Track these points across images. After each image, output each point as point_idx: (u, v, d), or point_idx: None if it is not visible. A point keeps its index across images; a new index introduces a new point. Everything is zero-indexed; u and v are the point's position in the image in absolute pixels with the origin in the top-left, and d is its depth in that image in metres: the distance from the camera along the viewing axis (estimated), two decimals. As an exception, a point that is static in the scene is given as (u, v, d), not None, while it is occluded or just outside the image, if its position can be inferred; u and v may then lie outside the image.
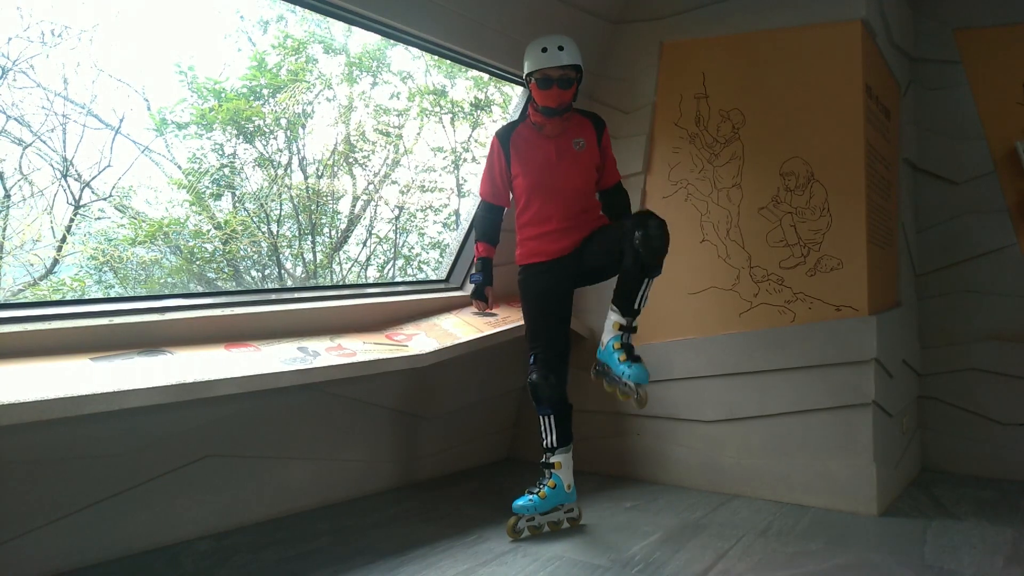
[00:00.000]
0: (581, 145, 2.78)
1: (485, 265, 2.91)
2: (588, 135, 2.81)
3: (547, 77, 2.67)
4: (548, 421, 2.77)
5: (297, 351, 2.72)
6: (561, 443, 2.77)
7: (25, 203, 5.11)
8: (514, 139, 2.81)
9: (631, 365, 2.61)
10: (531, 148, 2.78)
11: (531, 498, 2.73)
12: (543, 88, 2.69)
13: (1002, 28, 3.65)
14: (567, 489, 2.78)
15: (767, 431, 3.20)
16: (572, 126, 2.80)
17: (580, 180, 2.79)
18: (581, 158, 2.78)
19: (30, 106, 5.08)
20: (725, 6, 3.39)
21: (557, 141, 2.77)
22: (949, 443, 3.71)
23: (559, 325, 2.81)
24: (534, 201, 2.78)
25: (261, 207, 6.42)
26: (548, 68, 2.67)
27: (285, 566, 2.42)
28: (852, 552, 2.55)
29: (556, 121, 2.75)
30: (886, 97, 3.44)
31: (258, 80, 6.27)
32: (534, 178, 2.77)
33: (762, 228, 3.28)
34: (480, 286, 2.89)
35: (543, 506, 2.73)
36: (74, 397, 2.00)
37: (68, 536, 2.33)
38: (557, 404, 2.76)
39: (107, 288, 5.49)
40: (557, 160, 2.75)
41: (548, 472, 2.78)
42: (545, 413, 2.76)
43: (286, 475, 2.94)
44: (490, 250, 2.93)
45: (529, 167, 2.77)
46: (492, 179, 2.86)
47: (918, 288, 3.82)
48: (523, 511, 2.71)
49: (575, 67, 2.70)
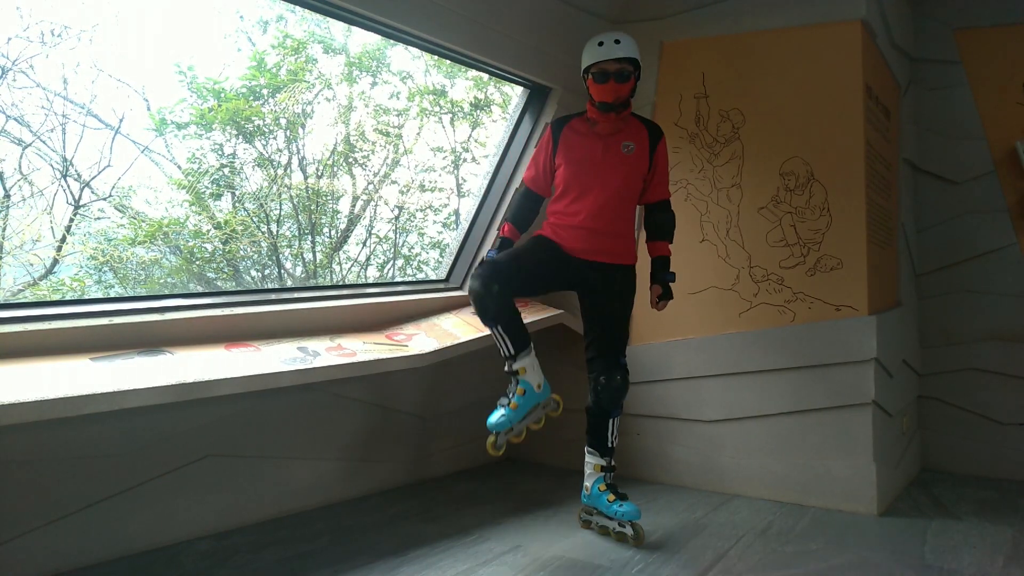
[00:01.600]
0: (630, 149, 2.71)
1: (503, 244, 2.78)
2: (641, 141, 2.73)
3: (604, 71, 2.62)
4: (497, 331, 2.60)
5: (297, 351, 2.71)
6: (519, 348, 2.62)
7: (25, 203, 5.11)
8: (566, 130, 2.76)
9: (622, 504, 2.67)
10: (579, 142, 2.73)
11: (503, 411, 2.62)
12: (599, 82, 2.64)
13: (1002, 28, 3.65)
14: (537, 390, 2.66)
15: (767, 431, 3.20)
16: (627, 128, 2.74)
17: (619, 183, 2.70)
18: (626, 161, 2.71)
19: (30, 106, 5.08)
20: (725, 6, 3.39)
21: (607, 140, 2.71)
22: (949, 443, 3.71)
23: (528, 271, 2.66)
24: (569, 193, 2.72)
25: (261, 207, 6.42)
26: (605, 61, 2.61)
27: (285, 566, 2.42)
28: (852, 552, 2.55)
29: (611, 119, 2.69)
30: (886, 97, 3.44)
31: (258, 80, 6.27)
32: (574, 170, 2.71)
33: (762, 228, 3.28)
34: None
35: (517, 416, 2.64)
36: (74, 397, 1.99)
37: (68, 536, 2.33)
38: (503, 312, 2.58)
39: (107, 288, 5.49)
40: (601, 159, 2.69)
41: (514, 379, 2.65)
42: (492, 325, 2.60)
43: (286, 475, 2.94)
44: (515, 233, 2.83)
45: (571, 159, 2.72)
46: (536, 166, 2.82)
47: (918, 288, 3.82)
48: (500, 427, 2.60)
49: (632, 61, 2.65)
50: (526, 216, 2.86)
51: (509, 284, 2.59)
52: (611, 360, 2.71)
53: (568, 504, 3.05)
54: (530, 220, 2.87)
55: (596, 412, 2.74)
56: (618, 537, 2.67)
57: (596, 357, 2.74)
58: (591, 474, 2.76)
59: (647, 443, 3.50)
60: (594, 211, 2.69)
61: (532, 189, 2.85)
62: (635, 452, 3.52)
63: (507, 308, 2.61)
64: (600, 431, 2.75)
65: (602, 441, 2.75)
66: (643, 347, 3.48)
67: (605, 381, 2.69)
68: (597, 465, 2.75)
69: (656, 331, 3.43)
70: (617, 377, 2.70)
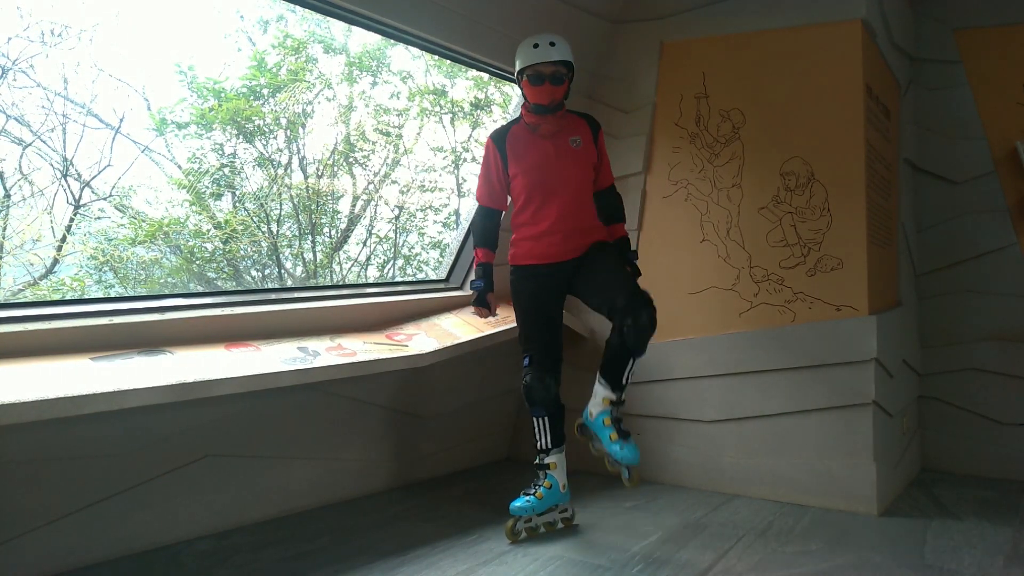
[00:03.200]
0: (578, 143, 2.75)
1: (486, 271, 2.84)
2: (584, 134, 2.77)
3: (539, 73, 2.65)
4: (542, 423, 2.76)
5: (297, 351, 2.72)
6: (555, 444, 2.76)
7: (25, 203, 5.12)
8: (509, 140, 2.76)
9: (623, 445, 2.60)
10: (528, 148, 2.74)
11: (528, 499, 2.71)
12: (535, 84, 2.66)
13: (1002, 28, 3.65)
14: (562, 490, 2.77)
15: (767, 431, 3.20)
16: (567, 125, 2.76)
17: (579, 178, 2.74)
18: (579, 156, 2.75)
19: (30, 106, 5.09)
20: (725, 6, 3.39)
21: (554, 140, 2.73)
22: (949, 443, 3.71)
23: (552, 327, 2.79)
24: (533, 200, 2.73)
25: (261, 207, 6.43)
26: (539, 64, 2.64)
27: (285, 566, 2.42)
28: (852, 552, 2.55)
29: (550, 119, 2.71)
30: (886, 97, 3.44)
31: (258, 80, 6.27)
32: (533, 177, 2.72)
33: (762, 228, 3.28)
34: (482, 293, 2.83)
35: (540, 507, 2.73)
36: (74, 397, 1.99)
37: (68, 536, 2.33)
38: (551, 406, 2.74)
39: (107, 288, 5.50)
40: (556, 158, 2.71)
41: (543, 473, 2.76)
42: (539, 415, 2.75)
43: (286, 475, 2.94)
44: (489, 255, 2.86)
45: (528, 166, 2.73)
46: (489, 182, 2.81)
47: (918, 288, 3.82)
48: (521, 512, 2.70)
49: (566, 64, 2.68)
50: (492, 235, 2.87)
51: (555, 366, 2.76)
52: (637, 300, 2.55)
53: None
54: (496, 236, 2.88)
55: (618, 351, 2.58)
56: (613, 469, 2.68)
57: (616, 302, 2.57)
58: (598, 403, 2.64)
59: (647, 443, 3.49)
60: (562, 213, 2.70)
61: (490, 206, 2.84)
62: (635, 452, 3.52)
63: (556, 402, 2.76)
64: (617, 366, 2.60)
65: (616, 376, 2.61)
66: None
67: (632, 322, 2.51)
68: (607, 398, 2.62)
69: (657, 331, 3.42)
70: (644, 316, 2.52)
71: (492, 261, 2.87)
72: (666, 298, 3.32)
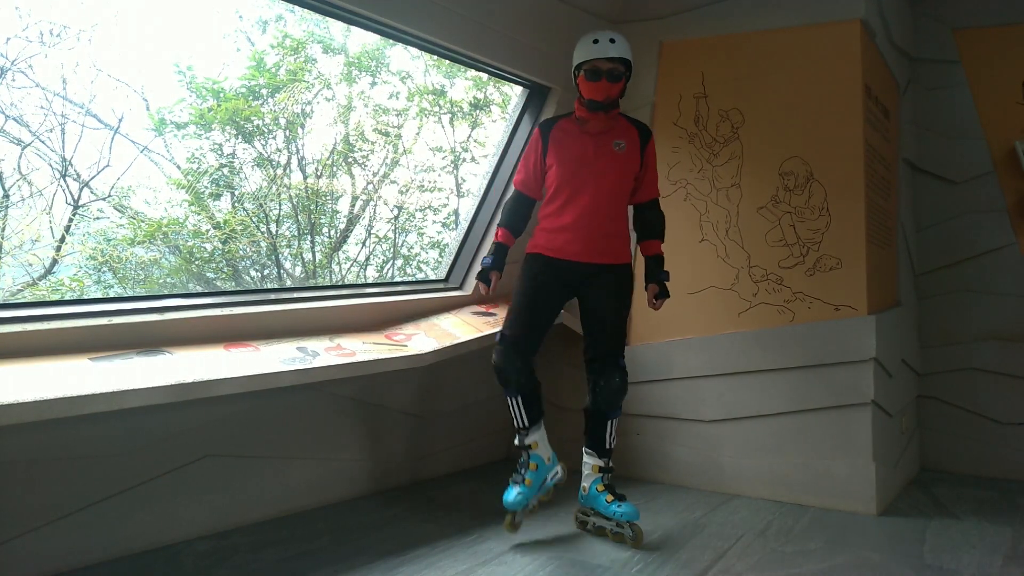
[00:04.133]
0: (621, 147, 2.69)
1: (498, 250, 2.80)
2: (631, 140, 2.72)
3: (596, 69, 2.60)
4: (515, 402, 2.70)
5: (296, 351, 2.71)
6: (532, 421, 2.72)
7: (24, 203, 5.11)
8: (555, 131, 2.74)
9: (620, 504, 2.65)
10: (570, 141, 2.71)
11: (519, 490, 2.67)
12: (591, 80, 2.61)
13: (1002, 28, 3.66)
14: (548, 462, 2.76)
15: (766, 431, 3.20)
16: (617, 128, 2.72)
17: (612, 181, 2.69)
18: (619, 160, 2.69)
19: (29, 106, 5.08)
20: (725, 6, 3.39)
21: (597, 139, 2.69)
22: (948, 443, 3.71)
23: (541, 319, 2.74)
24: (561, 193, 2.69)
25: (260, 207, 6.42)
26: (598, 59, 2.59)
27: (285, 566, 2.42)
28: (851, 552, 2.55)
29: (600, 117, 2.67)
30: (885, 97, 3.44)
31: (257, 80, 6.26)
32: (567, 170, 2.68)
33: (761, 228, 3.28)
34: (487, 269, 2.78)
35: (532, 492, 2.70)
36: (74, 397, 1.99)
37: (68, 536, 2.33)
38: (524, 385, 2.69)
39: (106, 288, 5.49)
40: (593, 157, 2.67)
41: (526, 454, 2.74)
42: (511, 395, 2.70)
43: (286, 475, 2.93)
44: (509, 238, 2.82)
45: (564, 159, 2.69)
46: (527, 168, 2.79)
47: (917, 288, 3.82)
48: (517, 506, 2.66)
49: (625, 62, 2.63)
50: (520, 220, 2.85)
51: (530, 352, 2.71)
52: (609, 361, 2.70)
53: (568, 504, 3.04)
54: (523, 224, 2.86)
55: (594, 413, 2.73)
56: (615, 538, 2.66)
57: (594, 359, 2.73)
58: (589, 475, 2.75)
59: (647, 443, 3.50)
60: (588, 211, 2.67)
61: (523, 192, 2.83)
62: (635, 452, 3.52)
63: (528, 382, 2.71)
64: (598, 432, 2.74)
65: (600, 442, 2.74)
66: (642, 347, 3.48)
67: (604, 383, 2.68)
68: (595, 466, 2.73)
69: (655, 331, 3.44)
70: (616, 379, 2.69)
71: (510, 244, 2.84)
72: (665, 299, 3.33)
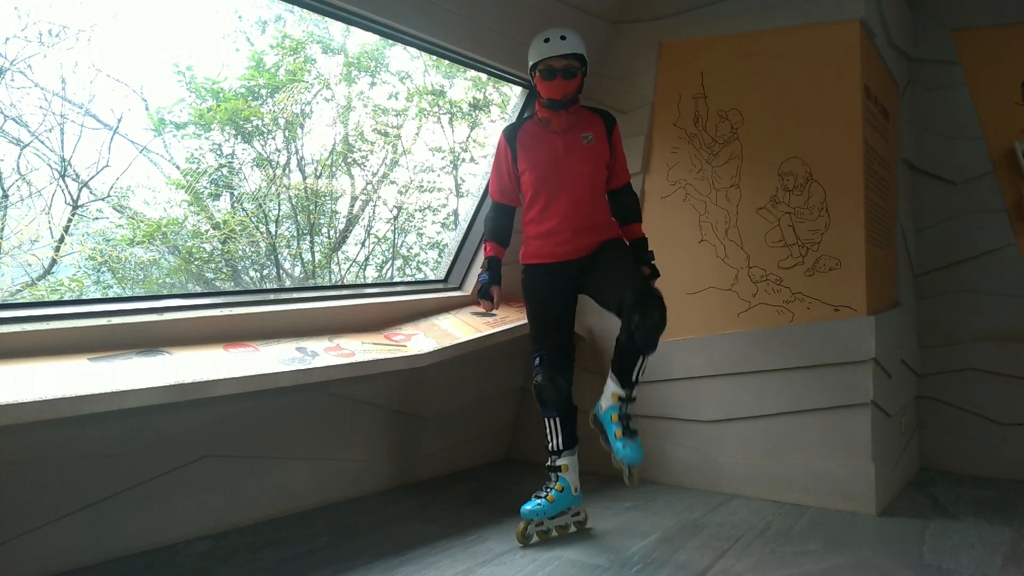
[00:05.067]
0: (590, 140, 2.69)
1: (492, 265, 2.80)
2: (597, 130, 2.71)
3: (550, 68, 2.60)
4: (553, 423, 2.71)
5: (296, 351, 2.71)
6: (567, 445, 2.71)
7: (23, 203, 5.11)
8: (520, 136, 2.73)
9: (626, 444, 2.55)
10: (538, 143, 2.71)
11: (539, 502, 2.65)
12: (547, 79, 2.61)
13: (1001, 28, 3.66)
14: (574, 492, 2.71)
15: (766, 431, 3.21)
16: (581, 121, 2.71)
17: (588, 175, 2.68)
18: (590, 153, 2.68)
19: (28, 106, 5.08)
20: (724, 6, 3.39)
21: (565, 136, 2.68)
22: (948, 443, 3.71)
23: (563, 327, 2.75)
24: (540, 197, 2.70)
25: (259, 207, 6.42)
26: (551, 58, 2.59)
27: (285, 566, 2.42)
28: (851, 552, 2.55)
29: (563, 115, 2.67)
30: (884, 97, 3.45)
31: (256, 80, 6.27)
32: (541, 173, 2.68)
33: (760, 228, 3.28)
34: (486, 286, 2.77)
35: (551, 510, 2.67)
36: (73, 397, 1.99)
37: (68, 536, 2.33)
38: (563, 406, 2.70)
39: (105, 288, 5.49)
40: (565, 155, 2.67)
41: (555, 476, 2.70)
42: (551, 416, 2.70)
43: (286, 475, 2.93)
44: (499, 250, 2.82)
45: (536, 162, 2.69)
46: (500, 178, 2.79)
47: (917, 288, 3.82)
48: (532, 516, 2.64)
49: (579, 57, 2.63)
50: (504, 231, 2.84)
51: (568, 367, 2.72)
52: (646, 295, 2.50)
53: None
54: (508, 233, 2.85)
55: (628, 349, 2.53)
56: (616, 465, 2.64)
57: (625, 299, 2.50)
58: (608, 398, 2.61)
59: (646, 443, 3.47)
60: (570, 211, 2.66)
61: (502, 202, 2.82)
62: (634, 452, 3.52)
63: (568, 403, 2.72)
64: (627, 363, 2.57)
65: (627, 373, 2.57)
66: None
67: (640, 319, 2.44)
68: (616, 394, 2.58)
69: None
70: (656, 314, 2.47)
71: (501, 256, 2.83)
72: (665, 298, 3.33)
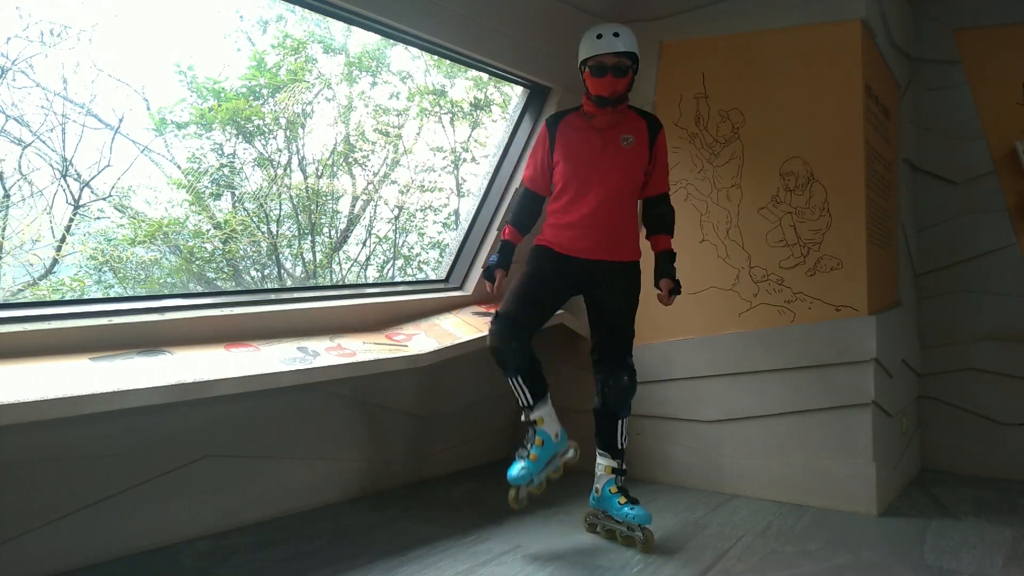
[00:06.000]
0: (630, 142, 2.64)
1: (504, 248, 2.77)
2: (640, 134, 2.67)
3: (601, 64, 2.55)
4: (516, 381, 2.61)
5: (297, 351, 2.71)
6: (537, 397, 2.63)
7: (24, 203, 5.12)
8: (562, 126, 2.70)
9: (633, 507, 2.59)
10: (577, 136, 2.66)
11: (523, 464, 2.59)
12: (596, 76, 2.56)
13: (1002, 28, 3.65)
14: (555, 439, 2.66)
15: (767, 431, 3.20)
16: (625, 121, 2.67)
17: (620, 177, 2.64)
18: (627, 155, 2.64)
19: (29, 106, 5.08)
20: (725, 6, 3.39)
21: (605, 133, 2.64)
22: (949, 443, 3.71)
23: (542, 306, 2.69)
24: (569, 189, 2.66)
25: (261, 207, 6.43)
26: (602, 55, 2.55)
27: (285, 566, 2.42)
28: (852, 552, 2.55)
29: (608, 112, 2.62)
30: (886, 97, 3.44)
31: (257, 80, 6.27)
32: (573, 166, 2.64)
33: (762, 228, 3.28)
34: (492, 268, 2.74)
35: (537, 467, 2.62)
36: (74, 397, 1.99)
37: (68, 536, 2.33)
38: (522, 362, 2.60)
39: (107, 288, 5.50)
40: (600, 152, 2.62)
41: (532, 430, 2.65)
42: (511, 375, 2.61)
43: (286, 475, 2.94)
44: (516, 236, 2.79)
45: (571, 155, 2.65)
46: (535, 165, 2.76)
47: (918, 288, 3.82)
48: (521, 480, 2.57)
49: (631, 55, 2.58)
50: (527, 217, 2.82)
51: (526, 332, 2.62)
52: (617, 360, 2.67)
53: (567, 504, 3.05)
54: (532, 221, 2.83)
55: (604, 413, 2.68)
56: (625, 541, 2.63)
57: (602, 358, 2.69)
58: (602, 476, 2.70)
59: (647, 443, 3.50)
60: (594, 208, 2.64)
61: (532, 189, 2.80)
62: (635, 452, 3.52)
63: (526, 359, 2.62)
64: (609, 432, 2.69)
65: (611, 442, 2.69)
66: (643, 347, 3.47)
67: (612, 383, 2.65)
68: (608, 467, 2.68)
69: (656, 331, 3.43)
70: (624, 378, 2.65)
71: (517, 242, 2.81)
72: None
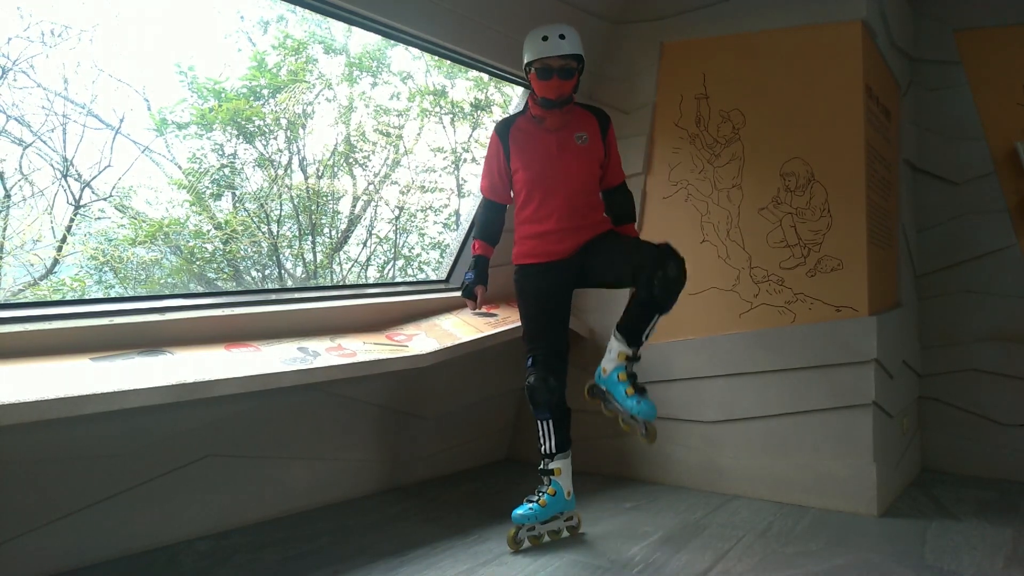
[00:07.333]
0: (584, 139, 2.65)
1: (478, 263, 2.75)
2: (591, 129, 2.67)
3: (547, 67, 2.53)
4: (546, 426, 2.66)
5: (297, 351, 2.72)
6: (560, 449, 2.66)
7: (25, 203, 5.12)
8: (513, 132, 2.69)
9: (639, 400, 2.50)
10: (531, 141, 2.66)
11: (531, 507, 2.61)
12: (542, 78, 2.55)
13: (1002, 28, 3.65)
14: (567, 496, 2.66)
15: (767, 431, 3.20)
16: (574, 119, 2.67)
17: (582, 175, 2.65)
18: (583, 152, 2.64)
19: (30, 106, 5.09)
20: (725, 6, 3.39)
21: (558, 134, 2.63)
22: (949, 443, 3.71)
23: (558, 327, 2.71)
24: (534, 197, 2.66)
25: (261, 207, 6.43)
26: (548, 57, 2.53)
27: (285, 566, 2.42)
28: (852, 552, 2.55)
29: (556, 114, 2.62)
30: (886, 98, 3.44)
31: (258, 80, 6.28)
32: (534, 172, 2.64)
33: (762, 229, 3.28)
34: (471, 285, 2.73)
35: (543, 514, 2.63)
36: (74, 397, 1.99)
37: (68, 536, 2.33)
38: (556, 408, 2.64)
39: (107, 288, 5.50)
40: (558, 154, 2.63)
41: (547, 479, 2.66)
42: (543, 418, 2.65)
43: (286, 475, 2.94)
44: (487, 248, 2.78)
45: (529, 161, 2.64)
46: (491, 175, 2.75)
47: (918, 289, 3.82)
48: (523, 520, 2.60)
49: (576, 57, 2.57)
50: (494, 228, 2.80)
51: (562, 368, 2.65)
52: (664, 251, 2.45)
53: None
54: (498, 231, 2.81)
55: (645, 304, 2.46)
56: (626, 427, 2.59)
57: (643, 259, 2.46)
58: (613, 359, 2.56)
59: (647, 443, 3.49)
60: (565, 210, 2.63)
61: (492, 199, 2.78)
62: (635, 452, 3.52)
63: (561, 405, 2.66)
64: (640, 321, 2.50)
65: (637, 332, 2.52)
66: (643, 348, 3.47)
67: (663, 273, 2.40)
68: (623, 353, 2.54)
69: (657, 331, 3.42)
70: (675, 268, 2.42)
71: (489, 255, 2.80)
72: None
